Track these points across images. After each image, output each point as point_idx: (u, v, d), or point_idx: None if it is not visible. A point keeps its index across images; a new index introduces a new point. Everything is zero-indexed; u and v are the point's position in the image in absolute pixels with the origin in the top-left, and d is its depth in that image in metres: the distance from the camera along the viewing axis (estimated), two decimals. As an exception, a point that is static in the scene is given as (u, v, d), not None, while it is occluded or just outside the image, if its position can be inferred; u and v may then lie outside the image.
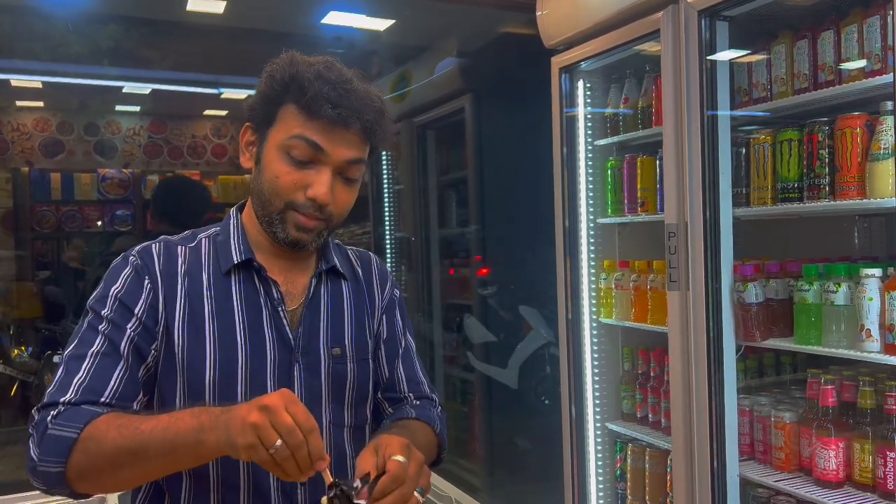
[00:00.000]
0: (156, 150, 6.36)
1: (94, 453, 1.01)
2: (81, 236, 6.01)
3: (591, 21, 2.40)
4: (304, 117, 1.15)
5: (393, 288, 1.43)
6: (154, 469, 1.03)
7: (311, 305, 1.26)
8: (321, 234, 1.22)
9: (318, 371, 1.23)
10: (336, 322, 1.28)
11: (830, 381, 1.90)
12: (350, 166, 1.19)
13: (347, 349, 1.27)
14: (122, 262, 1.21)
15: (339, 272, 1.31)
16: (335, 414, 1.25)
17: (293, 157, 1.16)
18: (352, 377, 1.26)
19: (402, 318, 1.43)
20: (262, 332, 1.20)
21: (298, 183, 1.17)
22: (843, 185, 1.85)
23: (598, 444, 2.69)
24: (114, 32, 3.90)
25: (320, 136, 1.15)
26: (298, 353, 1.22)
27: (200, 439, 0.98)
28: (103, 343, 1.13)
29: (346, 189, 1.21)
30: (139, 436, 1.00)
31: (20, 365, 4.48)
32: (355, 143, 1.18)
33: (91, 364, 1.11)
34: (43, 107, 6.02)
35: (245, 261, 1.22)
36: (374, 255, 1.45)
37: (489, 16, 3.59)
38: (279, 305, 1.22)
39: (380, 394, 1.37)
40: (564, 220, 2.65)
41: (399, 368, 1.39)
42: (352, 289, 1.33)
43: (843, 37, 1.89)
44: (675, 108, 2.10)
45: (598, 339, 2.67)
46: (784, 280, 2.08)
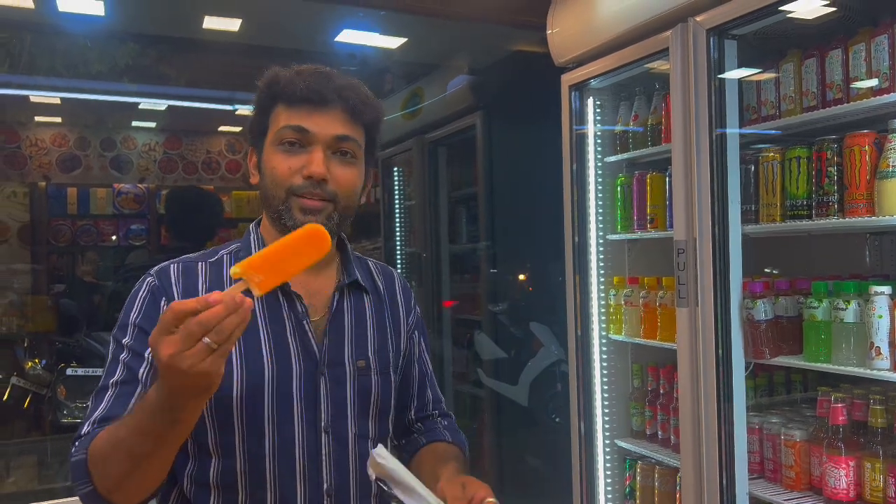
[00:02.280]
0: (171, 166, 6.44)
1: (101, 465, 1.03)
2: (96, 250, 6.08)
3: (601, 39, 2.42)
4: (288, 108, 1.21)
5: (415, 306, 1.45)
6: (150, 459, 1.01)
7: (335, 318, 1.27)
8: (330, 217, 1.22)
9: (343, 383, 1.24)
10: (360, 335, 1.29)
11: (840, 400, 1.89)
12: (340, 143, 1.21)
13: (371, 361, 1.28)
14: (139, 286, 1.22)
15: (361, 285, 1.32)
16: (360, 426, 1.25)
17: (284, 146, 1.20)
18: (376, 389, 1.28)
19: (424, 337, 1.46)
20: (287, 345, 1.21)
21: (294, 167, 1.19)
22: (851, 203, 1.86)
23: (608, 462, 2.68)
24: (131, 50, 3.98)
25: (303, 119, 1.19)
26: (324, 365, 1.23)
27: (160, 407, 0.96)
28: (123, 372, 1.15)
29: (343, 166, 1.22)
30: (119, 435, 1.01)
31: (34, 378, 4.52)
32: (340, 119, 1.21)
33: (112, 394, 1.13)
34: (61, 122, 6.12)
35: None
36: (395, 270, 1.47)
37: (500, 34, 3.62)
38: (304, 318, 1.23)
39: (413, 413, 1.44)
40: (574, 237, 2.66)
41: (428, 390, 1.46)
42: (373, 302, 1.34)
43: (851, 55, 1.90)
44: (684, 126, 2.12)
45: (607, 355, 2.67)
46: (793, 297, 2.08)
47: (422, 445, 1.40)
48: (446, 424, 1.46)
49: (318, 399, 1.21)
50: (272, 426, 1.18)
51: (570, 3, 2.60)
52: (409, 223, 4.79)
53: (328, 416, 1.21)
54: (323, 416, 1.21)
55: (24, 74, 3.98)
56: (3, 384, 4.54)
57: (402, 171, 4.86)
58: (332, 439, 1.21)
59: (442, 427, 1.44)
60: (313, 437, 1.20)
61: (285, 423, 1.19)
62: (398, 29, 3.67)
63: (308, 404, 1.20)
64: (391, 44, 3.93)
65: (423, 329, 1.47)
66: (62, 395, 4.06)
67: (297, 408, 1.19)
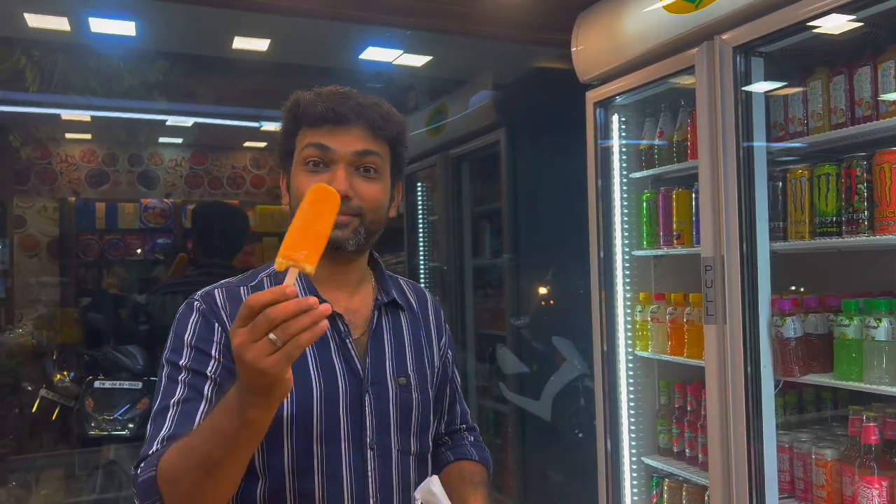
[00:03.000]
0: (196, 181, 6.54)
1: (171, 481, 1.03)
2: (122, 264, 6.17)
3: (627, 57, 2.44)
4: (311, 129, 1.23)
5: (445, 324, 1.48)
6: (223, 468, 1.01)
7: (375, 336, 1.29)
8: (357, 231, 1.23)
9: (386, 399, 1.26)
10: (399, 352, 1.31)
11: (873, 419, 1.86)
12: (362, 158, 1.23)
13: (411, 378, 1.30)
14: (187, 310, 1.23)
15: (398, 303, 1.35)
16: (402, 441, 1.27)
17: (308, 166, 1.23)
18: (417, 405, 1.29)
19: (454, 353, 1.49)
20: (333, 364, 1.23)
21: None
22: (882, 220, 1.84)
23: (634, 479, 2.66)
24: (160, 67, 4.06)
25: (325, 137, 1.22)
26: (368, 383, 1.24)
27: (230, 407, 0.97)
28: (184, 391, 1.14)
29: (366, 182, 1.24)
30: (192, 443, 1.02)
31: (62, 390, 4.58)
32: (361, 136, 1.23)
33: (174, 413, 1.13)
34: (90, 139, 6.24)
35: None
36: (426, 288, 1.50)
37: (524, 51, 3.65)
38: (346, 338, 1.25)
39: (443, 427, 1.46)
40: (599, 252, 2.66)
41: (458, 405, 1.49)
42: (409, 320, 1.37)
43: (880, 72, 1.89)
44: (711, 142, 2.12)
45: (633, 372, 2.66)
46: (823, 315, 2.06)
47: (449, 462, 1.43)
48: (472, 440, 1.49)
49: (364, 416, 1.23)
50: (321, 445, 1.19)
51: (595, 21, 2.62)
52: (433, 238, 4.81)
53: (373, 434, 1.23)
54: (368, 434, 1.23)
55: (56, 93, 4.07)
56: (33, 396, 4.62)
57: (426, 186, 4.89)
58: (377, 455, 1.23)
59: (469, 443, 1.48)
60: (359, 455, 1.22)
61: (333, 442, 1.20)
62: (423, 47, 3.71)
63: (354, 422, 1.22)
64: (416, 61, 3.97)
65: (453, 345, 1.49)
66: (90, 408, 4.11)
67: (344, 426, 1.21)
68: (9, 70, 3.79)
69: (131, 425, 4.04)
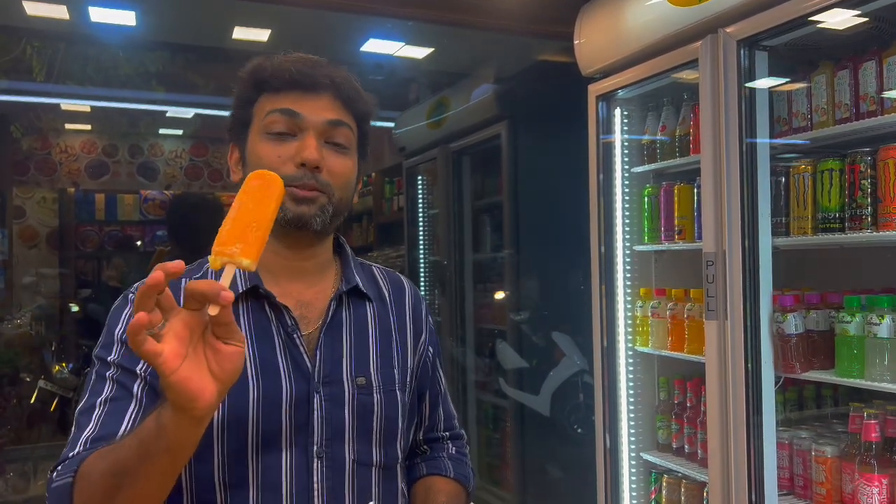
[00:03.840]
0: (196, 173, 6.52)
1: (86, 490, 0.93)
2: (122, 256, 6.16)
3: (629, 50, 2.42)
4: (275, 95, 1.12)
5: (428, 317, 1.32)
6: (134, 479, 0.89)
7: (330, 330, 1.14)
8: (324, 209, 1.11)
9: (341, 402, 1.11)
10: (360, 348, 1.16)
11: (874, 416, 1.85)
12: (333, 129, 1.12)
13: (373, 378, 1.15)
14: (122, 302, 1.13)
15: (363, 293, 1.20)
16: (361, 452, 1.12)
17: (272, 134, 1.11)
18: (379, 410, 1.14)
19: (437, 351, 1.33)
20: (276, 362, 1.09)
21: (284, 155, 1.10)
22: (885, 216, 1.83)
23: (633, 475, 2.65)
24: (161, 58, 4.04)
25: (293, 103, 1.11)
26: (319, 382, 1.10)
27: (153, 411, 0.88)
28: (112, 388, 1.04)
29: (336, 157, 1.13)
30: (115, 453, 0.92)
31: (61, 381, 4.59)
32: (331, 105, 1.12)
33: (101, 412, 1.02)
34: (90, 130, 6.22)
35: (251, 288, 1.12)
36: (405, 277, 1.34)
37: (526, 44, 3.63)
38: (294, 332, 1.11)
39: (421, 434, 1.31)
40: (600, 247, 2.65)
41: (440, 408, 1.33)
42: (377, 311, 1.21)
43: (886, 67, 1.88)
44: (714, 137, 2.10)
45: (633, 367, 2.65)
46: (825, 311, 2.05)
47: (420, 476, 1.28)
48: (453, 452, 1.33)
49: (311, 420, 1.08)
50: (257, 453, 1.06)
51: (598, 14, 2.60)
52: (433, 232, 4.80)
53: (321, 440, 1.09)
54: (316, 440, 1.08)
55: (57, 83, 4.05)
56: (31, 387, 4.62)
57: (427, 179, 4.87)
58: (326, 466, 1.09)
59: (447, 456, 1.31)
60: (303, 464, 1.08)
61: (271, 450, 1.06)
62: (425, 39, 3.68)
63: (299, 428, 1.08)
64: (418, 53, 3.95)
65: (436, 342, 1.33)
66: (88, 399, 4.10)
67: (286, 431, 1.07)
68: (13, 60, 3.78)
69: (129, 417, 4.04)
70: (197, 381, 0.82)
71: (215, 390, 0.83)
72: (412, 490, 1.26)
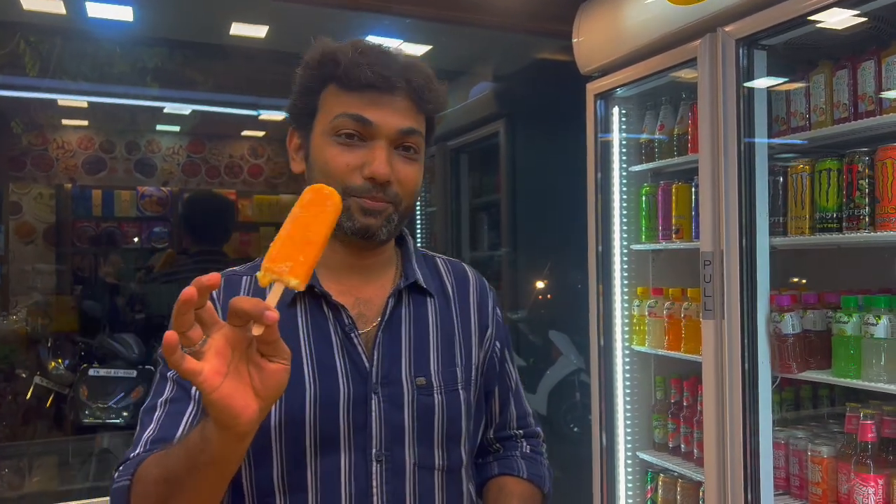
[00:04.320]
0: (194, 169, 6.50)
1: (142, 493, 0.93)
2: (119, 252, 6.15)
3: (628, 49, 2.41)
4: (346, 93, 1.06)
5: (496, 309, 1.25)
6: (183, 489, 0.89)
7: (388, 329, 1.10)
8: (391, 219, 1.07)
9: (399, 404, 1.07)
10: (420, 347, 1.11)
11: (870, 416, 1.85)
12: (405, 137, 1.07)
13: (433, 378, 1.10)
14: None
15: (423, 288, 1.15)
16: (422, 455, 1.08)
17: (341, 138, 1.05)
18: (440, 411, 1.09)
19: (507, 346, 1.27)
20: (333, 362, 1.06)
21: (352, 164, 1.04)
22: (883, 217, 1.83)
23: (629, 474, 2.65)
24: (158, 54, 4.03)
25: (365, 107, 1.04)
26: (377, 383, 1.07)
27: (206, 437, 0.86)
28: (172, 389, 1.04)
29: (406, 165, 1.08)
30: (166, 460, 0.92)
31: (56, 377, 4.57)
32: (405, 109, 1.07)
33: (161, 413, 1.02)
34: (87, 125, 6.21)
35: (308, 287, 1.07)
36: (471, 268, 1.27)
37: (524, 42, 3.62)
38: (351, 331, 1.08)
39: (492, 433, 1.26)
40: (598, 246, 2.65)
41: (511, 407, 1.27)
42: (439, 307, 1.16)
43: (885, 67, 1.87)
44: (712, 136, 2.10)
45: (630, 366, 2.65)
46: (822, 311, 2.05)
47: (493, 475, 1.23)
48: (528, 451, 1.27)
49: (369, 423, 1.05)
50: (314, 455, 1.04)
51: (597, 13, 2.59)
52: (431, 229, 4.79)
53: (380, 443, 1.05)
54: (375, 443, 1.05)
55: (53, 78, 4.03)
56: (27, 383, 4.60)
57: (424, 177, 4.87)
58: (386, 470, 1.06)
59: (520, 455, 1.26)
60: (363, 467, 1.05)
61: (329, 453, 1.04)
62: (423, 36, 3.68)
63: (357, 430, 1.05)
64: (416, 51, 3.94)
65: (505, 336, 1.26)
66: (84, 395, 4.10)
67: (345, 434, 1.04)
68: (8, 54, 3.76)
69: (125, 414, 4.03)
70: (239, 398, 0.79)
71: (257, 407, 0.81)
72: (484, 490, 1.21)
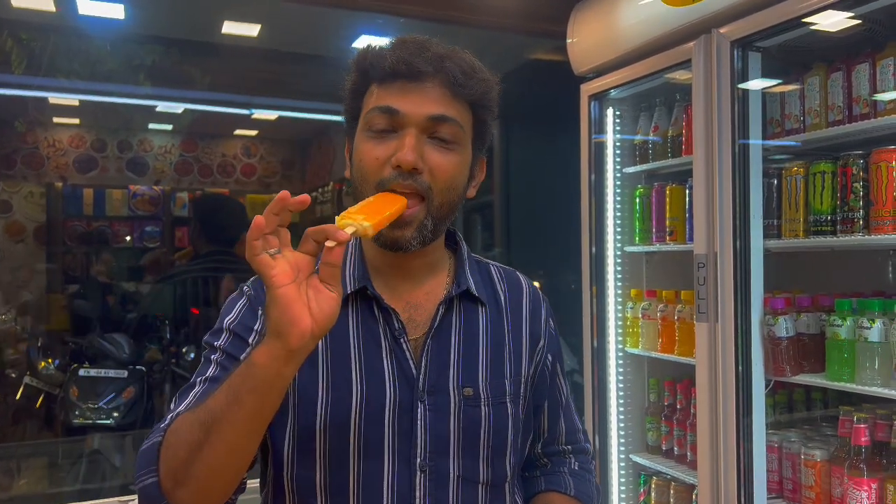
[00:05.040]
0: (186, 168, 6.48)
1: (174, 443, 0.91)
2: (110, 251, 6.12)
3: (622, 50, 2.40)
4: (380, 88, 1.04)
5: (549, 320, 1.22)
6: (219, 426, 0.87)
7: (437, 336, 1.08)
8: (422, 228, 1.03)
9: (446, 413, 1.05)
10: (469, 357, 1.09)
11: (863, 420, 1.85)
12: (437, 125, 1.02)
13: (481, 389, 1.08)
14: (237, 295, 1.11)
15: (475, 296, 1.13)
16: (466, 467, 1.06)
17: (373, 132, 1.03)
18: (487, 423, 1.07)
19: (559, 359, 1.25)
20: (381, 366, 1.05)
21: (382, 156, 1.02)
22: (877, 220, 1.82)
23: (622, 477, 2.65)
24: (150, 52, 4.00)
25: (395, 98, 1.02)
26: (423, 391, 1.05)
27: (252, 361, 0.87)
28: (215, 369, 1.03)
29: (440, 153, 1.03)
30: (205, 403, 0.91)
31: (46, 377, 4.53)
32: (437, 97, 1.03)
33: (200, 389, 1.01)
34: (79, 124, 6.17)
35: (360, 288, 1.08)
36: (525, 277, 1.24)
37: (518, 42, 3.61)
38: (400, 336, 1.06)
39: (540, 447, 1.24)
40: (591, 247, 2.64)
41: (561, 422, 1.25)
42: (490, 316, 1.14)
43: (879, 70, 1.87)
44: (706, 138, 2.09)
45: (623, 368, 2.64)
46: (816, 314, 2.04)
47: (539, 490, 1.21)
48: (576, 468, 1.25)
49: (414, 430, 1.03)
50: (358, 460, 1.03)
51: (591, 14, 2.58)
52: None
53: (425, 453, 1.04)
54: (419, 452, 1.04)
55: (44, 76, 4.01)
56: (16, 383, 4.57)
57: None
58: (430, 480, 1.04)
59: (568, 471, 1.23)
60: (406, 476, 1.03)
61: (374, 457, 1.03)
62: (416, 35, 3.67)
63: (402, 437, 1.03)
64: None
65: (557, 349, 1.23)
66: (74, 396, 4.06)
67: (389, 440, 1.03)
68: (-1, 52, 3.73)
69: (116, 414, 4.00)
70: (299, 306, 0.84)
71: (310, 325, 0.84)
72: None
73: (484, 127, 1.10)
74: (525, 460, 1.21)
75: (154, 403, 4.26)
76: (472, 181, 1.13)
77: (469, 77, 1.04)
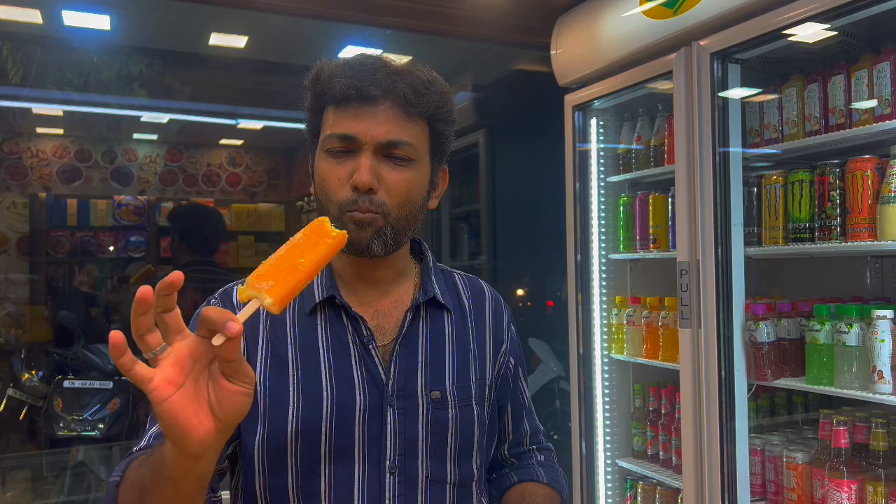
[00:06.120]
0: (171, 178, 6.45)
1: (125, 493, 0.93)
2: (95, 262, 6.07)
3: (605, 61, 2.45)
4: (335, 110, 1.07)
5: (510, 325, 1.27)
6: (149, 496, 0.87)
7: (405, 342, 1.12)
8: (382, 233, 1.06)
9: (414, 417, 1.09)
10: (436, 362, 1.13)
11: (843, 423, 1.89)
12: (391, 148, 1.05)
13: (448, 392, 1.12)
14: (204, 307, 1.10)
15: (441, 303, 1.16)
16: (434, 468, 1.09)
17: (332, 153, 1.07)
18: (454, 425, 1.11)
19: (521, 364, 1.29)
20: (351, 373, 1.07)
21: (343, 178, 1.05)
22: (854, 227, 1.87)
23: (608, 482, 2.67)
24: (135, 63, 4.00)
25: (348, 122, 1.05)
26: (392, 395, 1.08)
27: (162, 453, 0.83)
28: None
29: (395, 171, 1.06)
30: (141, 468, 0.91)
31: (30, 389, 4.49)
32: (389, 118, 1.05)
33: None
34: (62, 134, 6.13)
35: (328, 297, 1.11)
36: (487, 285, 1.29)
37: (503, 53, 3.65)
38: (369, 343, 1.09)
39: (506, 449, 1.29)
40: (576, 255, 2.67)
41: (525, 423, 1.30)
42: (456, 323, 1.18)
43: (854, 81, 1.92)
44: (688, 147, 2.13)
45: (609, 374, 2.67)
46: (796, 319, 2.09)
47: (512, 484, 1.25)
48: (542, 460, 1.30)
49: (384, 434, 1.06)
50: (329, 464, 1.05)
51: (575, 25, 2.63)
52: (410, 239, 4.80)
53: (394, 455, 1.07)
54: (389, 455, 1.07)
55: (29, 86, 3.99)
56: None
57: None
58: (398, 482, 1.07)
59: (536, 464, 1.29)
60: (376, 478, 1.06)
61: (344, 462, 1.05)
62: (402, 47, 3.69)
63: (372, 441, 1.06)
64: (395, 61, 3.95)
65: (519, 353, 1.28)
66: (58, 408, 4.03)
67: (360, 444, 1.06)
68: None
69: (101, 426, 3.98)
70: (192, 414, 0.75)
71: (212, 427, 0.76)
72: (504, 499, 1.23)
73: (441, 138, 1.13)
74: (493, 462, 1.26)
75: (139, 415, 4.23)
76: (434, 191, 1.16)
77: (421, 95, 1.06)
